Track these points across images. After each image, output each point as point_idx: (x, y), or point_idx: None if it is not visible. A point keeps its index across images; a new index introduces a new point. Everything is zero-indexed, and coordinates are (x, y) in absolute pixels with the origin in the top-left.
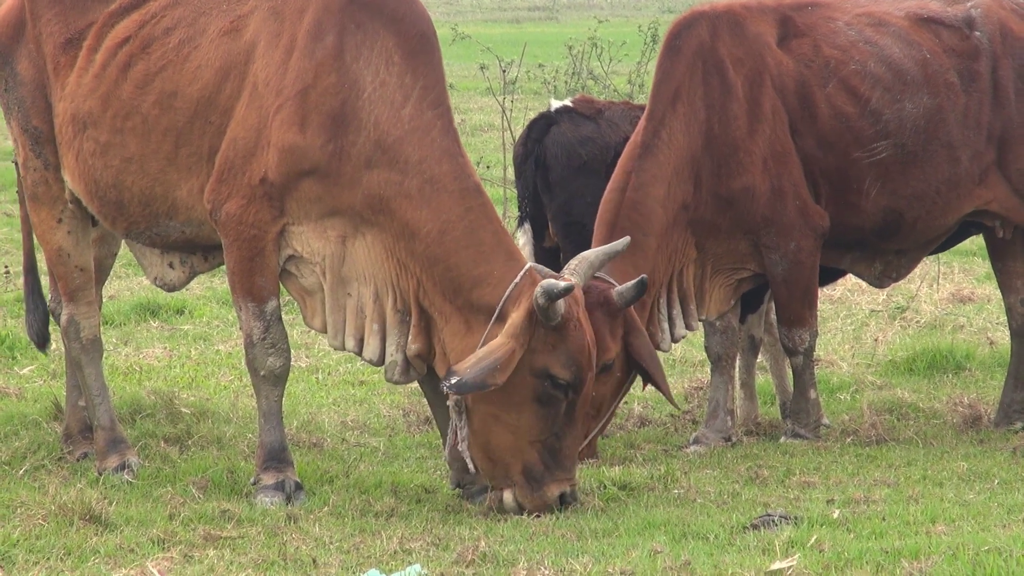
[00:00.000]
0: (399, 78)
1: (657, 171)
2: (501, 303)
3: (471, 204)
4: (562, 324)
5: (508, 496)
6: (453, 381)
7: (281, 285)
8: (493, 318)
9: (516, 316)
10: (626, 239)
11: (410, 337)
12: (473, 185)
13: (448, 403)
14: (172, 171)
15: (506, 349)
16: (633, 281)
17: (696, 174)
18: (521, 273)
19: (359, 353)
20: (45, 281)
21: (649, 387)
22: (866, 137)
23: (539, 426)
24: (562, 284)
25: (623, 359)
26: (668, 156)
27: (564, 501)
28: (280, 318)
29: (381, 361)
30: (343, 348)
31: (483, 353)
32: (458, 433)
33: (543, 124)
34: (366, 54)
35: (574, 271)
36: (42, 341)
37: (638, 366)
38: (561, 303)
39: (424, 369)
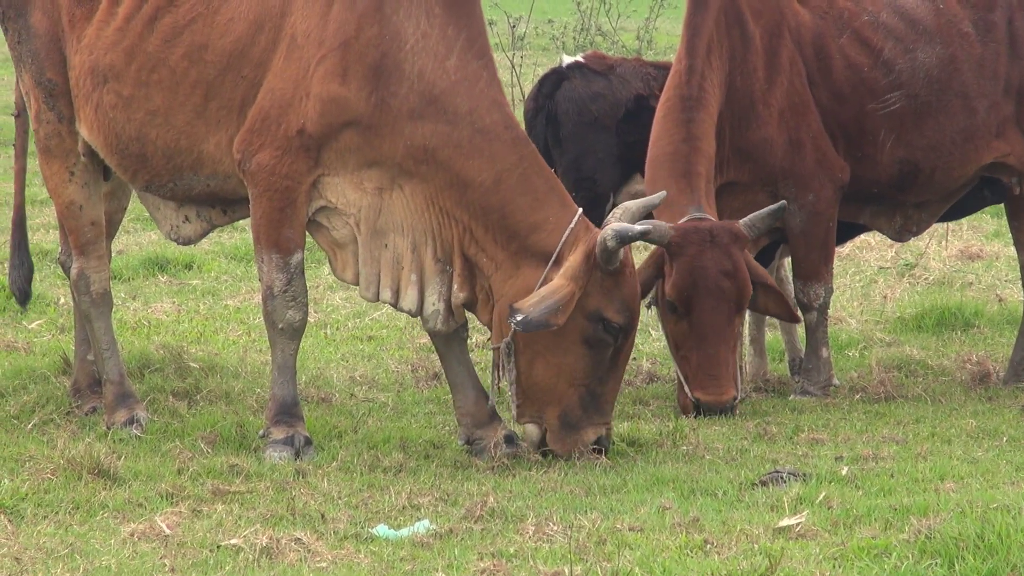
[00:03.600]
0: (441, 30)
1: (710, 124)
2: (558, 248)
3: (523, 152)
4: (619, 269)
5: (533, 430)
6: (519, 319)
7: (310, 237)
8: (550, 262)
9: (574, 259)
10: (662, 193)
11: (456, 286)
12: (522, 134)
13: (498, 345)
14: (200, 124)
15: (567, 291)
16: (769, 208)
17: (720, 128)
18: (575, 218)
19: (395, 304)
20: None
21: (660, 343)
22: (880, 88)
23: (584, 369)
24: (637, 228)
25: None
26: (714, 110)
27: (600, 444)
28: (303, 271)
29: (419, 311)
30: (376, 299)
31: (545, 293)
32: (507, 375)
33: (554, 79)
34: (406, 5)
35: (620, 220)
36: (24, 297)
37: (760, 285)
38: (622, 249)
39: (464, 317)
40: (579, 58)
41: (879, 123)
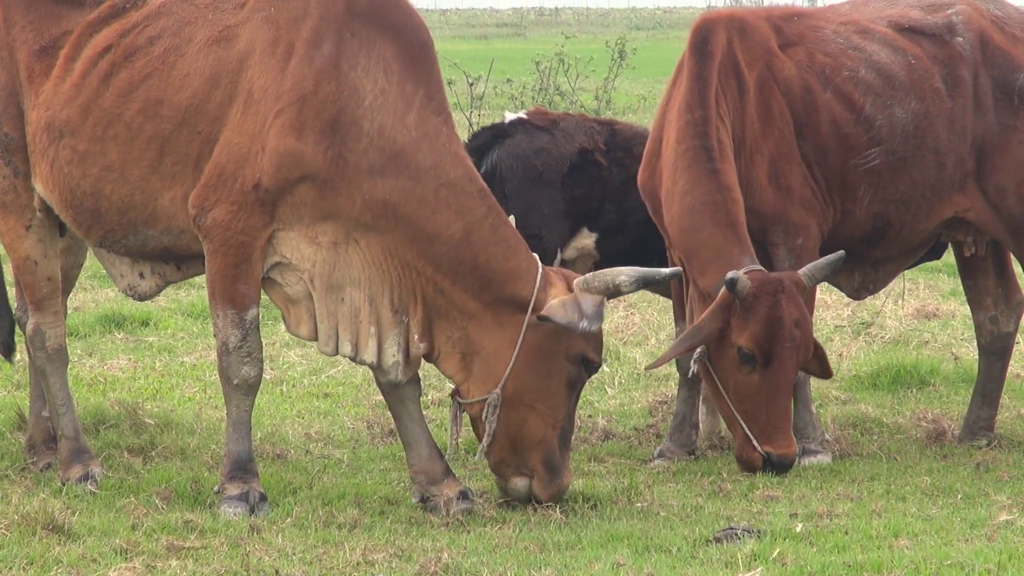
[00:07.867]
0: (399, 86)
1: (734, 175)
2: (534, 294)
3: (490, 203)
4: None
5: (521, 483)
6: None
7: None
8: (529, 309)
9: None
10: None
11: (416, 336)
12: (484, 186)
13: (470, 399)
14: (155, 179)
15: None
16: (828, 257)
17: None
18: (540, 264)
19: (354, 358)
20: (11, 292)
21: (616, 401)
22: (861, 144)
23: (563, 410)
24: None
25: None
26: (733, 160)
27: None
28: (258, 327)
29: (380, 363)
30: (336, 353)
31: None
32: (487, 429)
33: (488, 135)
34: (363, 62)
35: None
36: (7, 350)
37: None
38: None
39: (419, 366)
40: (522, 114)
41: (859, 179)
